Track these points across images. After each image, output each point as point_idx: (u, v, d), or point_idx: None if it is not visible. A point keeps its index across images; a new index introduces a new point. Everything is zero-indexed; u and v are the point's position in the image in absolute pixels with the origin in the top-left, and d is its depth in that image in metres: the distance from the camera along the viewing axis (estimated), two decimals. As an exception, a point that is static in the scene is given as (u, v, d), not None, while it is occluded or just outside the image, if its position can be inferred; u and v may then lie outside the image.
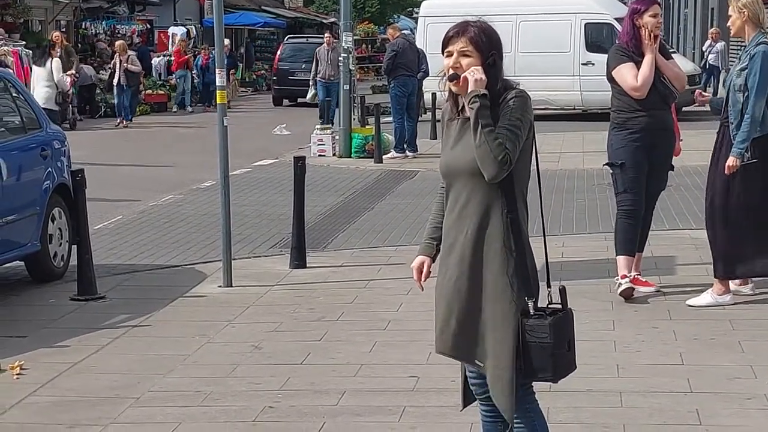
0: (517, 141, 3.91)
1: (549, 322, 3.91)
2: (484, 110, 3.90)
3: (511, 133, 3.90)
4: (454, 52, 3.97)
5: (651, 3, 7.49)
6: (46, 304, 8.13)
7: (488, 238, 3.97)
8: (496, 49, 3.99)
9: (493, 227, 3.97)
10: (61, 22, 32.62)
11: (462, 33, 3.98)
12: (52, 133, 9.36)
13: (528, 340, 3.91)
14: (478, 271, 3.98)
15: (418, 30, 24.50)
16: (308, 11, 55.10)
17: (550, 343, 3.90)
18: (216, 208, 10.07)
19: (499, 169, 3.88)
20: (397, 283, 8.35)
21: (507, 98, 3.94)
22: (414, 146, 17.69)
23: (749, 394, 5.63)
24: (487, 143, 3.87)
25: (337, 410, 5.58)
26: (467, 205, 4.00)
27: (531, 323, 3.91)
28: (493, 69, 3.96)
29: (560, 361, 3.96)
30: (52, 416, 5.64)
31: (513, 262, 3.95)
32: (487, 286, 3.98)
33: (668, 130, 7.67)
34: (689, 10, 42.88)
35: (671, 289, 7.81)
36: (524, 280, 3.95)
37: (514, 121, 3.92)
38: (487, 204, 3.97)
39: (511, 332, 3.93)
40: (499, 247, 3.96)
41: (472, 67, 3.94)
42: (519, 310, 3.93)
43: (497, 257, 3.96)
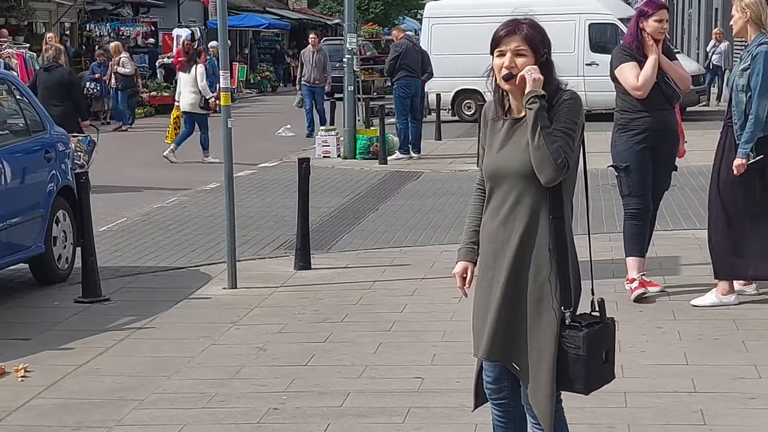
0: (572, 144, 3.85)
1: (583, 334, 3.85)
2: (543, 111, 3.83)
3: (567, 136, 3.84)
4: (507, 51, 3.89)
5: (658, 8, 7.47)
6: (50, 306, 8.13)
7: (535, 242, 3.91)
8: (548, 47, 3.93)
9: (541, 231, 3.90)
10: (65, 25, 32.67)
11: (515, 31, 3.90)
12: (55, 135, 9.37)
13: (563, 350, 3.86)
14: (523, 275, 3.92)
15: (422, 31, 24.51)
16: (312, 12, 55.13)
17: (583, 356, 3.84)
18: (220, 210, 10.08)
19: (558, 173, 3.81)
20: (402, 285, 8.35)
21: (561, 99, 3.88)
22: (418, 147, 17.69)
23: (753, 394, 5.63)
24: (546, 146, 3.80)
25: (342, 411, 5.58)
26: (515, 208, 3.93)
27: (566, 333, 3.86)
28: (547, 68, 3.90)
29: (593, 374, 3.90)
30: (56, 418, 5.64)
31: (556, 270, 3.88)
32: (531, 291, 3.92)
33: (672, 131, 7.66)
34: (693, 11, 42.84)
35: (675, 290, 7.81)
36: (564, 287, 3.89)
37: (570, 124, 3.85)
38: (536, 207, 3.90)
39: (552, 340, 3.88)
40: (545, 252, 3.90)
41: (527, 66, 3.87)
42: (558, 318, 3.88)
43: (542, 262, 3.90)
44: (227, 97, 8.64)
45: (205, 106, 17.60)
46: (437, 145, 19.08)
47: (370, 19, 48.77)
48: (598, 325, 3.93)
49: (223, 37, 8.63)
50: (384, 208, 12.72)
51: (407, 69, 17.23)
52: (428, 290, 8.12)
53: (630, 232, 7.63)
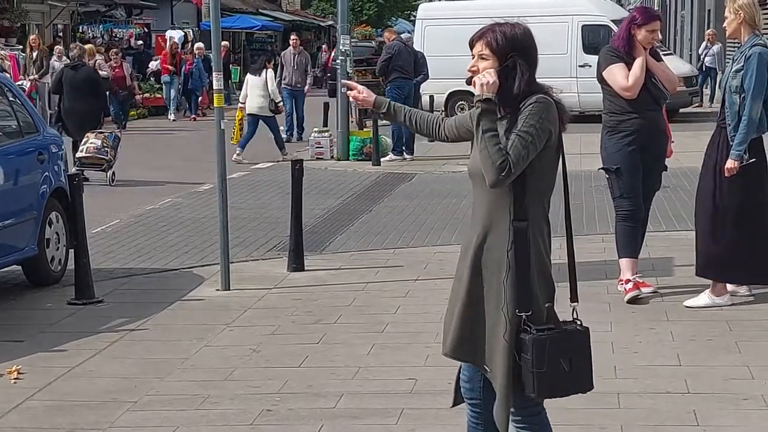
0: (526, 148, 3.83)
1: (529, 338, 3.84)
2: (487, 114, 3.86)
3: (520, 139, 3.83)
4: (474, 55, 3.97)
5: (651, 19, 7.48)
6: (43, 308, 8.12)
7: (492, 244, 3.93)
8: (520, 51, 3.93)
9: (499, 234, 3.92)
10: (58, 26, 32.62)
11: (481, 36, 3.96)
12: (49, 137, 9.36)
13: (516, 354, 3.88)
14: (482, 277, 3.95)
15: (415, 33, 24.50)
16: (306, 14, 55.13)
17: (529, 360, 3.84)
18: (214, 212, 10.08)
19: (497, 175, 3.81)
20: (395, 286, 8.36)
21: (527, 103, 3.88)
22: (411, 149, 17.69)
23: (746, 395, 5.64)
24: (487, 149, 3.83)
25: (336, 413, 5.58)
26: (479, 208, 3.99)
27: (520, 338, 3.88)
28: (512, 72, 3.90)
29: (544, 381, 3.86)
30: (49, 420, 5.64)
31: (513, 273, 3.89)
32: (487, 293, 3.95)
33: (661, 132, 7.68)
34: (686, 12, 42.91)
35: (668, 291, 7.82)
36: (522, 291, 3.89)
37: (527, 127, 3.85)
38: (495, 209, 3.92)
39: (501, 343, 3.90)
40: (502, 255, 3.91)
41: (485, 70, 3.91)
42: (513, 321, 3.88)
43: (498, 264, 3.92)
44: (221, 98, 8.63)
45: (275, 110, 18.03)
46: (430, 147, 19.06)
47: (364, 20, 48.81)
48: (551, 332, 3.90)
49: (216, 39, 8.63)
50: (377, 210, 12.72)
51: (400, 70, 17.24)
52: (422, 291, 8.12)
53: (622, 233, 7.64)
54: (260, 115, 17.99)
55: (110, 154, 15.11)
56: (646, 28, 7.46)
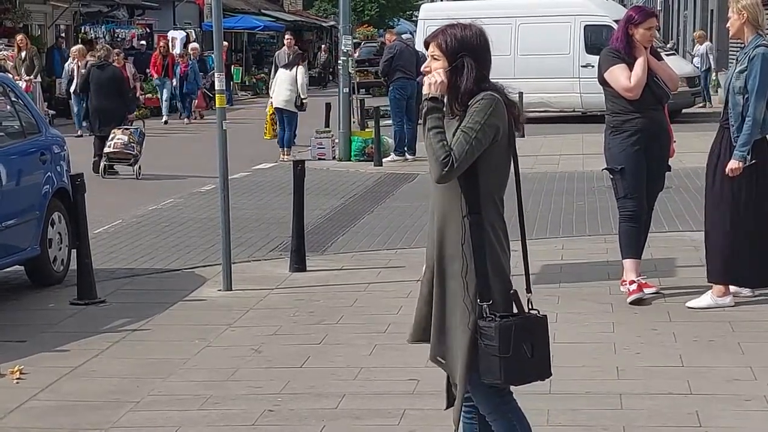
0: (469, 143, 3.91)
1: (495, 325, 3.92)
2: (432, 113, 3.97)
3: (464, 135, 3.93)
4: (428, 56, 4.09)
5: (648, 16, 7.48)
6: (45, 308, 8.13)
7: (448, 238, 4.03)
8: (470, 51, 4.01)
9: (453, 228, 4.01)
10: (60, 27, 32.64)
11: (434, 37, 4.09)
12: (51, 137, 9.36)
13: (479, 342, 3.96)
14: (441, 270, 4.05)
15: (417, 33, 24.51)
16: (308, 14, 55.15)
17: (494, 347, 3.91)
18: (215, 212, 10.08)
19: (441, 170, 3.91)
20: (397, 286, 8.35)
21: (475, 100, 3.97)
22: (413, 149, 17.69)
23: (749, 396, 5.63)
24: (432, 145, 3.93)
25: (337, 413, 5.58)
26: (434, 205, 4.09)
27: (482, 325, 3.95)
28: (461, 72, 4.00)
29: (511, 367, 3.94)
30: (52, 420, 5.64)
31: (469, 265, 3.97)
32: (447, 287, 4.04)
33: (664, 131, 7.68)
34: (689, 12, 42.89)
35: (671, 291, 7.81)
36: (481, 282, 3.97)
37: (472, 123, 3.93)
38: (448, 205, 4.02)
39: (462, 333, 3.98)
40: (457, 250, 4.00)
41: (436, 70, 4.02)
42: (474, 312, 3.97)
43: (454, 260, 4.01)
44: (222, 99, 8.63)
45: (300, 106, 18.01)
46: (432, 147, 19.08)
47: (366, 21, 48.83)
48: (514, 317, 3.98)
49: (218, 39, 8.63)
50: (379, 210, 12.72)
51: (403, 70, 17.24)
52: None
53: (626, 234, 7.63)
54: (285, 109, 18.00)
55: (136, 149, 15.88)
56: (643, 26, 7.46)
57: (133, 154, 15.89)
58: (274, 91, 18.27)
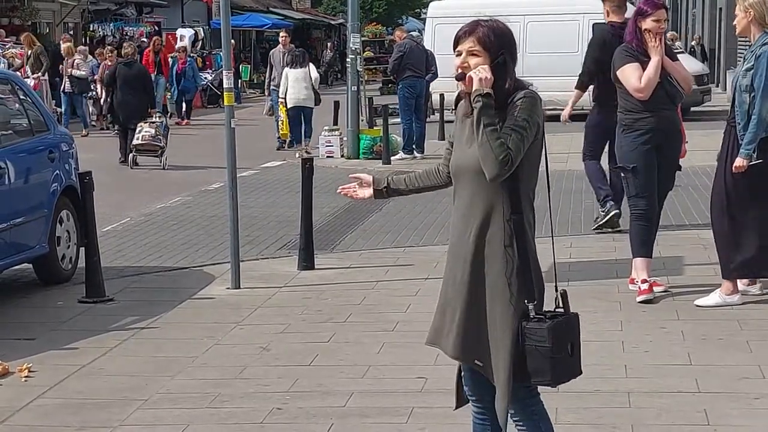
0: (521, 141, 3.88)
1: (548, 326, 3.88)
2: (487, 109, 3.89)
3: (515, 133, 3.88)
4: (463, 52, 3.98)
5: (657, 7, 7.46)
6: (54, 306, 8.14)
7: (490, 239, 3.96)
8: (507, 48, 3.97)
9: (495, 229, 3.95)
10: (68, 25, 32.69)
11: (471, 32, 3.98)
12: (59, 135, 9.38)
13: (526, 343, 3.90)
14: (479, 272, 3.98)
15: (426, 31, 24.47)
16: (316, 12, 55.17)
17: (547, 348, 3.88)
18: (224, 210, 10.09)
19: (500, 169, 3.86)
20: (406, 285, 8.35)
21: (516, 98, 3.93)
22: (422, 147, 17.68)
23: (757, 394, 5.62)
24: (489, 143, 3.86)
25: (345, 412, 5.58)
26: (471, 205, 4.00)
27: (530, 327, 3.90)
28: (502, 68, 3.95)
29: (559, 366, 3.93)
30: (60, 418, 5.65)
31: (513, 265, 3.93)
32: (488, 288, 3.97)
33: (676, 131, 7.66)
34: (697, 10, 42.82)
35: (679, 289, 7.80)
36: (525, 282, 3.93)
37: (520, 121, 3.90)
38: (490, 205, 3.96)
39: (508, 335, 3.92)
40: (500, 250, 3.94)
41: (478, 66, 3.94)
42: (518, 312, 3.92)
43: (498, 259, 3.95)
44: (231, 97, 8.63)
45: (318, 101, 18.52)
46: (441, 145, 19.03)
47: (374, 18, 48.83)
48: (562, 317, 3.96)
49: (227, 37, 8.63)
50: (387, 209, 12.72)
51: (412, 69, 17.22)
52: (432, 290, 8.07)
53: (638, 233, 7.61)
54: (305, 106, 18.26)
55: (163, 141, 16.94)
56: (652, 17, 7.44)
57: (160, 146, 16.88)
58: (288, 91, 18.21)
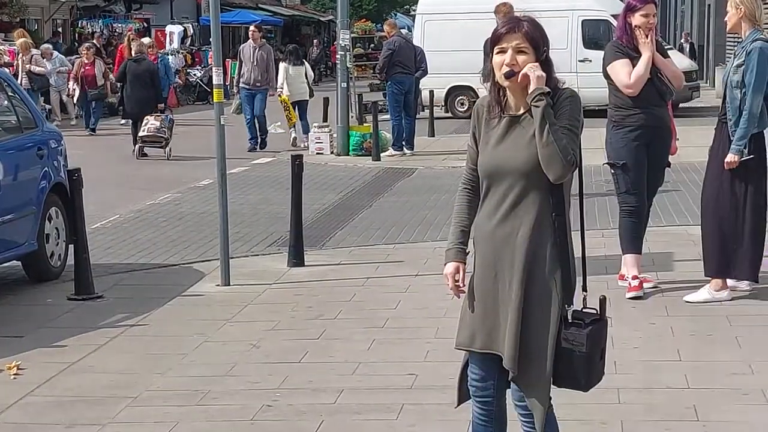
0: (577, 142, 3.85)
1: (587, 332, 3.84)
2: (550, 109, 3.82)
3: (573, 134, 3.83)
4: (508, 49, 3.87)
5: (645, 2, 7.46)
6: (43, 303, 8.12)
7: (540, 241, 3.88)
8: (548, 45, 3.93)
9: (544, 229, 3.88)
10: (57, 21, 32.62)
11: (517, 29, 3.89)
12: (48, 132, 9.35)
13: (564, 347, 3.85)
14: (534, 274, 3.88)
15: (415, 27, 24.49)
16: (305, 9, 55.10)
17: (586, 353, 3.84)
18: (213, 207, 10.08)
19: (567, 170, 3.81)
20: (396, 281, 8.35)
21: (562, 97, 3.88)
22: (412, 144, 17.68)
23: (747, 390, 5.63)
24: (556, 143, 3.79)
25: (336, 408, 5.58)
26: (517, 206, 3.89)
27: (569, 331, 3.85)
28: (547, 65, 3.89)
29: (593, 372, 3.91)
30: (49, 416, 5.64)
31: (559, 267, 3.88)
32: (535, 291, 3.88)
33: (666, 128, 7.67)
34: (686, 7, 42.88)
35: (669, 286, 7.81)
36: (566, 285, 3.88)
37: (573, 121, 3.85)
38: (538, 205, 3.87)
39: (554, 338, 3.85)
40: (548, 251, 3.88)
41: (529, 63, 3.85)
42: (560, 316, 3.86)
43: (546, 261, 3.88)
44: (220, 93, 8.62)
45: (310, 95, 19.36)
46: (430, 142, 19.08)
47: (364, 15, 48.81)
48: (599, 323, 3.92)
49: (216, 34, 8.62)
50: (377, 205, 12.72)
51: (401, 66, 17.21)
52: (422, 287, 8.11)
53: (627, 229, 7.62)
54: (303, 100, 18.96)
55: (167, 133, 17.65)
56: (641, 12, 7.44)
57: (164, 137, 17.59)
58: (289, 86, 18.68)
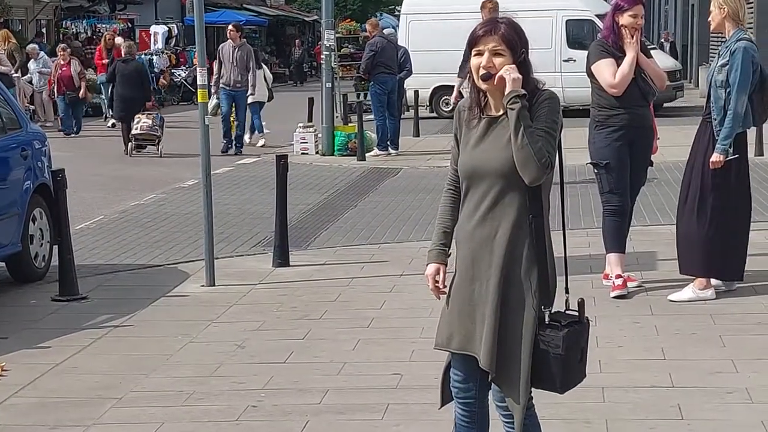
0: (554, 143, 3.84)
1: (563, 334, 3.84)
2: (525, 111, 3.81)
3: (549, 136, 3.83)
4: (485, 51, 3.87)
5: (634, 3, 7.48)
6: (27, 304, 8.10)
7: (517, 241, 3.88)
8: (526, 47, 3.91)
9: (521, 231, 3.88)
10: (41, 22, 32.53)
11: (493, 31, 3.87)
12: (32, 133, 9.32)
13: (540, 348, 3.85)
14: (511, 275, 3.89)
15: (400, 28, 24.50)
16: (290, 9, 55.05)
17: (561, 355, 3.84)
18: (198, 207, 10.06)
19: (542, 172, 3.80)
20: (381, 281, 8.36)
21: (541, 99, 3.87)
22: (396, 144, 17.69)
23: (731, 388, 5.65)
24: (530, 145, 3.78)
25: (321, 409, 5.58)
26: (495, 207, 3.90)
27: (545, 333, 3.85)
28: (525, 67, 3.88)
29: (570, 373, 3.90)
30: (34, 417, 5.62)
31: (536, 268, 3.88)
32: (511, 292, 3.89)
33: (648, 128, 7.69)
34: (670, 7, 43.00)
35: (653, 285, 7.84)
36: (544, 287, 3.88)
37: (551, 123, 3.85)
38: (516, 206, 3.88)
39: (529, 340, 3.86)
40: (525, 252, 3.88)
41: (505, 66, 3.85)
42: (537, 317, 3.86)
43: (523, 262, 3.89)
44: (204, 94, 8.61)
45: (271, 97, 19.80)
46: (415, 142, 19.09)
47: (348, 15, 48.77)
48: (577, 325, 3.92)
49: (201, 34, 8.60)
50: (362, 205, 12.72)
51: (384, 66, 17.23)
52: (407, 287, 8.12)
53: (611, 228, 7.64)
54: (261, 102, 19.13)
55: (159, 131, 18.08)
56: (629, 12, 7.46)
57: (157, 135, 18.03)
58: (256, 88, 18.50)
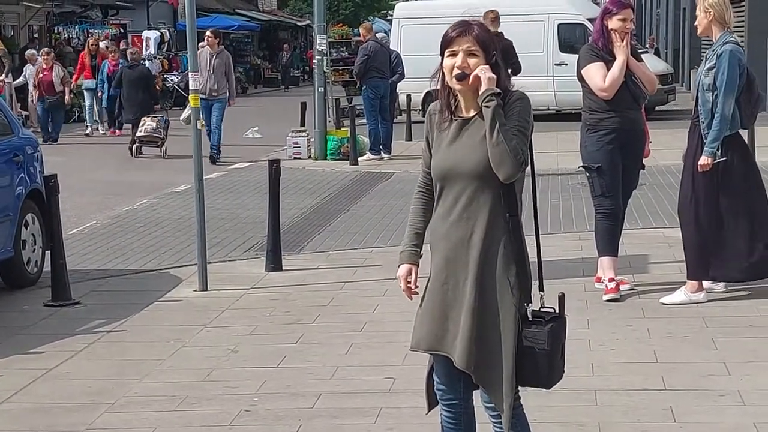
0: (527, 143, 3.89)
1: (547, 329, 3.87)
2: (500, 109, 3.86)
3: (522, 134, 3.87)
4: (459, 52, 3.92)
5: (623, 7, 7.50)
6: (19, 310, 8.09)
7: (493, 240, 3.91)
8: (497, 48, 3.96)
9: (497, 229, 3.92)
10: (33, 27, 32.49)
11: (467, 32, 3.93)
12: (24, 138, 9.31)
13: (525, 345, 3.87)
14: (485, 274, 3.92)
15: (392, 32, 24.51)
16: (282, 14, 55.06)
17: (546, 351, 3.86)
18: (191, 212, 10.05)
19: (517, 169, 3.84)
20: (373, 285, 8.36)
21: (512, 99, 3.92)
22: (389, 148, 17.70)
23: (723, 391, 5.67)
24: (506, 143, 3.82)
25: (314, 413, 5.58)
26: (469, 207, 3.94)
27: (530, 329, 3.87)
28: (497, 68, 3.93)
29: (555, 369, 3.93)
30: (27, 423, 5.61)
31: (514, 266, 3.91)
32: (489, 290, 3.91)
33: (639, 131, 7.71)
34: (661, 10, 43.10)
35: (645, 288, 7.85)
36: (524, 284, 3.92)
37: (523, 122, 3.89)
38: (491, 206, 3.91)
39: (512, 338, 3.88)
40: (502, 250, 3.91)
41: (479, 66, 3.89)
42: (519, 314, 3.89)
43: (500, 260, 3.91)
44: (196, 99, 8.61)
45: None
46: (408, 146, 19.09)
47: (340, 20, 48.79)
48: (558, 320, 3.95)
49: (192, 40, 8.61)
50: (355, 209, 12.73)
51: (376, 71, 17.25)
52: (399, 291, 7.97)
53: (603, 231, 7.65)
54: None
55: (163, 133, 18.79)
56: (618, 16, 7.48)
57: (161, 137, 18.69)
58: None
